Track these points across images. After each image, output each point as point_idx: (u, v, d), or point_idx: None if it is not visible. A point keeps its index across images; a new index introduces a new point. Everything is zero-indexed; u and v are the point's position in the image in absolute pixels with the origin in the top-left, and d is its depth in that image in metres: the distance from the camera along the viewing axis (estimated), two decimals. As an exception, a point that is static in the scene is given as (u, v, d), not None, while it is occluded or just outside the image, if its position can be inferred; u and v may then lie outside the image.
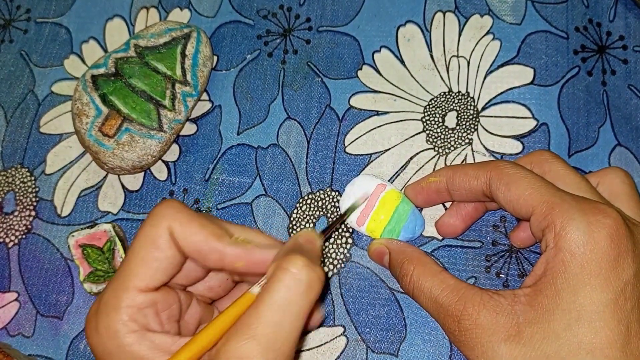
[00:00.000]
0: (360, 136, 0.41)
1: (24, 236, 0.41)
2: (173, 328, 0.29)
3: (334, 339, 0.37)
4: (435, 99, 0.41)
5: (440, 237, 0.38)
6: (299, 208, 0.40)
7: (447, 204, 0.38)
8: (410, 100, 0.41)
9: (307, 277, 0.25)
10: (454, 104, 0.41)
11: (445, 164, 0.39)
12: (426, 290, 0.31)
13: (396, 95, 0.42)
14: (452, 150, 0.40)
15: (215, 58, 0.44)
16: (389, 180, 0.39)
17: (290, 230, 0.39)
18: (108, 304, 0.27)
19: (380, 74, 0.42)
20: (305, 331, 0.33)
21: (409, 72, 0.42)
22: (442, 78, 0.41)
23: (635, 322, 0.27)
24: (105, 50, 0.46)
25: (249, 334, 0.24)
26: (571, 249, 0.27)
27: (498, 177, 0.31)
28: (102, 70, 0.41)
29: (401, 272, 0.33)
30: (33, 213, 0.42)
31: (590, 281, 0.27)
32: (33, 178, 0.43)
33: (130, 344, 0.26)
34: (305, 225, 0.39)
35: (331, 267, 0.38)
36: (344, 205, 0.36)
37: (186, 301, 0.30)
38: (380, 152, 0.40)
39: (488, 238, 0.38)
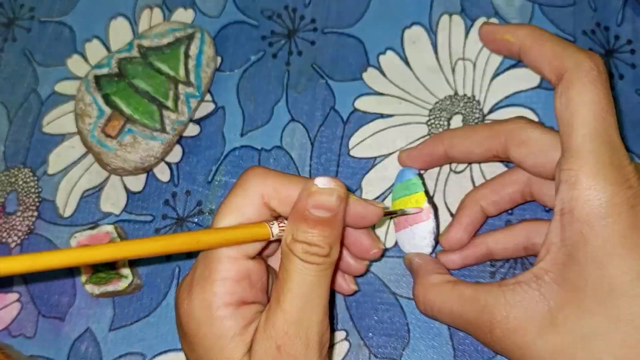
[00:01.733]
0: (364, 139, 0.41)
1: (26, 237, 0.41)
2: (264, 300, 0.29)
3: (336, 343, 0.36)
4: (440, 102, 0.41)
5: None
6: (302, 211, 0.39)
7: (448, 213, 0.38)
8: (415, 103, 0.41)
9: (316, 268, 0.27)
10: (459, 107, 0.40)
11: (450, 168, 0.39)
12: (446, 311, 0.30)
13: (401, 98, 0.41)
14: (457, 154, 0.39)
15: (219, 59, 0.44)
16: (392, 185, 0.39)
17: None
18: (203, 274, 0.27)
19: (386, 76, 0.42)
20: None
21: (415, 75, 0.42)
22: (447, 81, 0.41)
23: None
24: (109, 50, 0.45)
25: (280, 308, 0.26)
26: (590, 221, 0.25)
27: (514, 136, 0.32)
28: (105, 71, 0.41)
29: (415, 298, 0.33)
30: (35, 213, 0.42)
31: (616, 251, 0.25)
32: (35, 178, 0.42)
33: (222, 317, 0.27)
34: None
35: (334, 271, 0.38)
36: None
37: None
38: (385, 155, 0.40)
39: (493, 243, 0.37)
